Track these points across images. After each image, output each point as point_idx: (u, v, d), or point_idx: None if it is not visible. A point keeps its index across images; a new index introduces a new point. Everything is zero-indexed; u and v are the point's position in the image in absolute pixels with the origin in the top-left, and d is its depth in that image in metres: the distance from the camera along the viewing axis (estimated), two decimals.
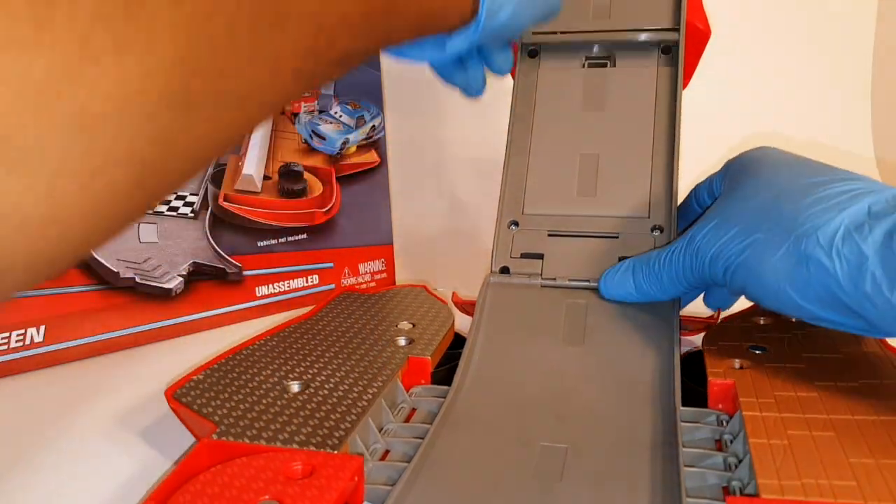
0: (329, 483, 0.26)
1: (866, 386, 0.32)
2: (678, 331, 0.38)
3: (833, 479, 0.26)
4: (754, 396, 0.32)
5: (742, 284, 0.34)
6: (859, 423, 0.29)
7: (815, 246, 0.31)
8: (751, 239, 0.34)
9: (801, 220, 0.32)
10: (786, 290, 0.32)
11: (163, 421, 0.38)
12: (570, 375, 0.37)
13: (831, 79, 0.81)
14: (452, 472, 0.30)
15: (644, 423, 0.33)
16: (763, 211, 0.34)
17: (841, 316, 0.31)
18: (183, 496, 0.26)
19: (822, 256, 0.30)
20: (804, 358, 0.35)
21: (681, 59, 0.45)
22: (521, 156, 0.46)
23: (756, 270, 0.33)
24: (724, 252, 0.35)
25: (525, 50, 0.48)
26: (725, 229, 0.35)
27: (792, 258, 0.31)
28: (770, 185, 0.35)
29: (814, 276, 0.31)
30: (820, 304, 0.31)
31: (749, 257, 0.33)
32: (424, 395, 0.37)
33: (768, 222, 0.33)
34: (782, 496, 0.25)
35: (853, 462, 0.27)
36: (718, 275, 0.35)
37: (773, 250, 0.32)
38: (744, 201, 0.36)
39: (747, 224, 0.34)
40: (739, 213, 0.35)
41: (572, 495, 0.28)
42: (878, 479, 0.25)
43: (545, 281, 0.43)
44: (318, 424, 0.31)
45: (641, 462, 0.30)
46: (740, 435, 0.30)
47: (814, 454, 0.27)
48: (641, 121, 0.45)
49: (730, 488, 0.28)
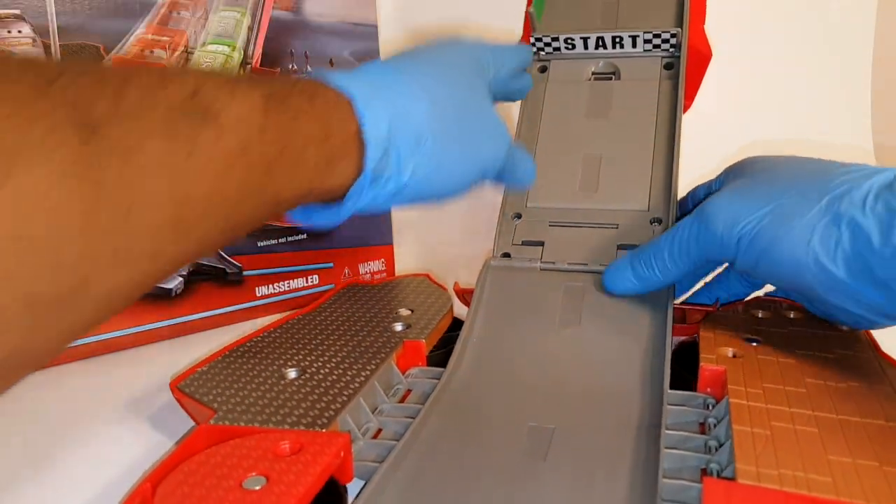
0: (314, 458, 0.27)
1: (854, 388, 0.33)
2: (671, 315, 0.39)
3: (810, 472, 0.26)
4: (743, 385, 0.32)
5: (757, 254, 0.34)
6: (842, 423, 0.30)
7: (850, 205, 0.31)
8: (773, 205, 0.34)
9: (834, 185, 0.32)
10: (813, 253, 0.32)
11: (167, 413, 0.39)
12: (564, 358, 0.37)
13: (831, 85, 0.81)
14: (441, 450, 0.31)
15: (632, 405, 0.34)
16: (788, 181, 0.34)
17: (862, 284, 0.31)
18: (176, 476, 0.26)
19: (857, 213, 0.31)
20: (797, 354, 0.36)
21: (682, 66, 0.47)
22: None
23: (779, 235, 0.33)
24: (740, 219, 0.34)
25: (535, 66, 0.51)
26: (742, 198, 0.35)
27: (824, 218, 0.32)
28: (789, 164, 0.36)
29: (845, 234, 0.31)
30: (846, 267, 0.31)
31: (771, 222, 0.33)
32: (420, 377, 0.38)
33: (794, 189, 0.33)
34: (758, 482, 0.25)
35: (832, 459, 0.27)
36: (731, 245, 0.35)
37: (801, 212, 0.32)
38: (762, 176, 0.36)
39: (768, 193, 0.34)
40: (758, 186, 0.35)
41: (554, 474, 0.29)
42: (854, 478, 0.26)
43: (544, 264, 0.43)
44: (310, 406, 0.32)
45: (625, 442, 0.31)
46: (724, 420, 0.30)
47: (794, 447, 0.28)
48: (643, 126, 0.46)
49: (708, 470, 0.29)
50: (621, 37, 0.48)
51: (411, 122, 0.31)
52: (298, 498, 0.25)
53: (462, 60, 0.37)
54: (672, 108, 0.46)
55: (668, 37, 0.47)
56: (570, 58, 0.50)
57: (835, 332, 0.38)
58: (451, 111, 0.33)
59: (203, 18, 0.73)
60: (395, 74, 0.32)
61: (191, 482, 0.26)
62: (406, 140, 0.31)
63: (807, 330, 0.39)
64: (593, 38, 0.48)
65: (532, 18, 0.49)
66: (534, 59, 0.51)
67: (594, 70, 0.49)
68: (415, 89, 0.32)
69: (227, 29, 0.76)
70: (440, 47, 0.37)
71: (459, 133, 0.34)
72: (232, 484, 0.26)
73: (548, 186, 0.46)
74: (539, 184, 0.46)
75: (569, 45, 0.49)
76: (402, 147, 0.31)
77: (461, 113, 0.34)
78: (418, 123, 0.31)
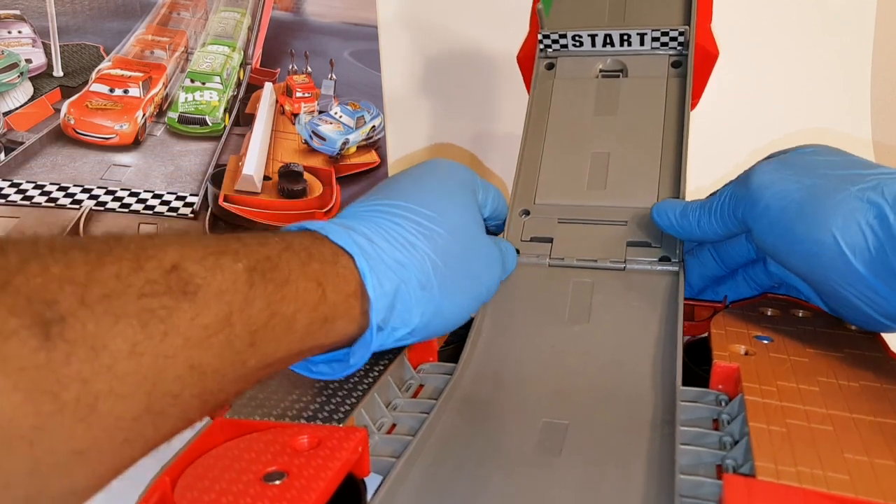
0: (333, 453, 0.27)
1: (867, 388, 0.33)
2: (681, 311, 0.39)
3: (827, 470, 0.26)
4: (757, 382, 0.32)
5: (780, 229, 0.34)
6: (856, 422, 0.30)
7: (880, 197, 0.31)
8: (809, 182, 0.34)
9: (869, 177, 0.33)
10: (832, 237, 0.32)
11: None
12: (575, 353, 0.38)
13: (834, 85, 0.81)
14: (456, 445, 0.31)
15: (644, 401, 0.34)
16: (827, 165, 0.35)
17: (877, 279, 0.31)
18: (195, 470, 0.26)
19: (885, 206, 0.31)
20: (808, 353, 0.36)
21: (690, 64, 0.47)
22: (534, 152, 0.48)
23: (806, 210, 0.33)
24: (774, 185, 0.35)
25: (542, 63, 0.51)
26: (782, 168, 0.36)
27: (851, 204, 0.32)
28: (833, 153, 0.36)
29: (868, 225, 0.31)
30: (863, 257, 0.31)
31: (801, 197, 0.34)
32: (432, 372, 0.38)
33: (831, 174, 0.34)
34: (778, 480, 0.26)
35: (848, 458, 0.27)
36: (757, 209, 0.35)
37: (831, 195, 0.33)
38: (804, 156, 0.36)
39: (807, 171, 0.35)
40: (799, 162, 0.36)
41: (569, 469, 0.29)
42: (870, 476, 0.26)
43: (553, 261, 0.43)
44: (325, 401, 0.32)
45: (639, 438, 0.31)
46: (739, 417, 0.31)
47: (810, 445, 0.28)
48: (651, 124, 0.46)
49: (724, 466, 0.29)
50: (629, 34, 0.48)
51: (416, 272, 0.31)
52: (319, 492, 0.25)
53: (457, 187, 0.37)
54: (680, 106, 0.46)
55: (676, 35, 0.47)
56: (578, 55, 0.50)
57: (845, 332, 0.39)
58: (453, 249, 0.33)
59: (203, 19, 0.73)
60: (394, 218, 0.32)
61: (210, 476, 0.26)
62: (412, 290, 0.30)
63: (817, 329, 0.39)
64: (601, 35, 0.48)
65: (540, 15, 0.49)
66: (540, 57, 0.51)
67: (601, 67, 0.50)
68: (417, 236, 0.32)
69: (227, 29, 0.76)
70: (433, 173, 0.37)
71: (462, 269, 0.34)
72: (252, 478, 0.26)
73: (556, 183, 0.46)
74: (547, 181, 0.46)
75: (576, 43, 0.49)
76: (408, 297, 0.30)
77: (463, 249, 0.34)
78: (423, 271, 0.31)
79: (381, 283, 0.29)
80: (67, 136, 0.64)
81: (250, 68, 0.73)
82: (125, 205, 0.63)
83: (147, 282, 0.21)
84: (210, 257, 0.23)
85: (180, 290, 0.22)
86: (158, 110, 0.68)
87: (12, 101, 0.63)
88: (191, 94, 0.69)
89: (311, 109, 0.70)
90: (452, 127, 0.84)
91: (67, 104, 0.65)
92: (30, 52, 0.65)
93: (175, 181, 0.65)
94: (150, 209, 0.63)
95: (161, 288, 0.21)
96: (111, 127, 0.65)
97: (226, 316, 0.23)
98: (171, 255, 0.22)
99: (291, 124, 0.69)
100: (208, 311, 0.22)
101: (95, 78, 0.66)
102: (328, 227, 0.29)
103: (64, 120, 0.64)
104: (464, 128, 0.83)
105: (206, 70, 0.71)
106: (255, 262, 0.25)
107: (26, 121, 0.63)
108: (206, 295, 0.22)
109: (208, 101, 0.70)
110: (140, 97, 0.67)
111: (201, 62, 0.71)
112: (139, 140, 0.66)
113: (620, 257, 0.42)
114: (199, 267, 0.23)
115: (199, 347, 0.22)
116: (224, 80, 0.71)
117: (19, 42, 0.64)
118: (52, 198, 0.62)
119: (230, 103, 0.71)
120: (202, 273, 0.23)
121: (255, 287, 0.24)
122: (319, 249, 0.28)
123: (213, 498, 0.25)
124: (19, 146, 0.62)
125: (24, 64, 0.64)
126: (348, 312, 0.29)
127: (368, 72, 0.73)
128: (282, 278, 0.26)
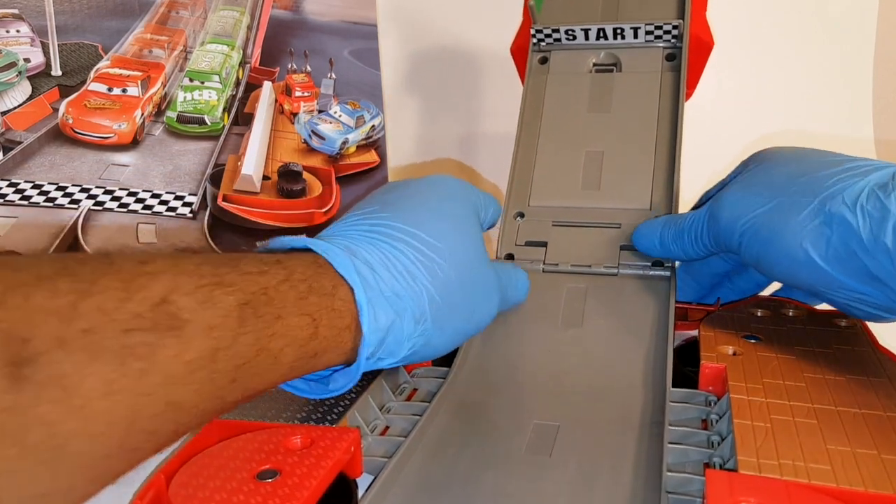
0: (326, 453, 0.27)
1: (853, 381, 0.33)
2: (673, 315, 0.39)
3: (809, 462, 0.27)
4: (743, 381, 0.33)
5: (758, 251, 0.35)
6: (841, 414, 0.30)
7: (841, 205, 0.31)
8: (773, 203, 0.34)
9: (828, 184, 0.33)
10: (805, 252, 0.32)
11: None
12: (567, 357, 0.38)
13: (833, 81, 0.81)
14: (447, 447, 0.31)
15: (635, 403, 0.34)
16: (787, 178, 0.35)
17: (857, 282, 0.32)
18: (190, 468, 0.27)
19: (847, 213, 0.31)
20: (796, 350, 0.36)
21: (684, 59, 0.47)
22: (528, 151, 0.48)
23: (776, 232, 0.34)
24: (742, 215, 0.35)
25: (535, 57, 0.50)
26: (745, 194, 0.36)
27: (816, 218, 0.32)
28: (793, 159, 0.36)
29: (836, 234, 0.31)
30: (839, 265, 0.32)
31: (769, 220, 0.34)
32: (426, 376, 0.38)
33: (792, 187, 0.34)
34: (759, 473, 0.26)
35: (830, 448, 0.28)
36: (735, 239, 0.36)
37: (796, 211, 0.33)
38: (766, 172, 0.36)
39: (770, 189, 0.35)
40: (761, 181, 0.36)
41: (559, 469, 0.29)
42: (852, 466, 0.27)
43: (547, 266, 0.44)
44: (319, 403, 0.32)
45: (629, 439, 0.31)
46: (726, 416, 0.31)
47: (794, 438, 0.28)
48: (645, 121, 0.46)
49: (710, 463, 0.29)
50: (622, 28, 0.48)
51: (413, 305, 0.30)
52: (311, 491, 0.25)
53: (461, 209, 0.36)
54: (674, 100, 0.46)
55: (670, 28, 0.47)
56: (572, 48, 0.50)
57: (833, 329, 0.39)
58: (452, 282, 0.32)
59: (202, 18, 0.73)
60: (397, 244, 0.31)
61: (205, 474, 0.26)
62: (406, 324, 0.30)
63: (805, 327, 0.39)
64: (594, 29, 0.48)
65: (532, 11, 0.49)
66: (534, 51, 0.50)
67: (595, 61, 0.50)
68: (418, 265, 0.31)
69: (227, 28, 0.76)
70: (437, 192, 0.36)
71: (458, 303, 0.33)
72: (245, 476, 0.26)
73: (551, 184, 0.46)
74: (542, 181, 0.46)
75: (569, 37, 0.49)
76: (400, 332, 0.30)
77: (462, 282, 0.33)
78: (420, 305, 0.31)
79: (377, 318, 0.29)
80: (66, 135, 0.64)
81: (249, 67, 0.73)
82: (123, 204, 0.63)
83: (133, 315, 0.21)
84: (203, 290, 0.23)
85: (167, 325, 0.21)
86: (157, 109, 0.68)
87: (10, 100, 0.63)
88: (189, 93, 0.70)
89: (310, 109, 0.71)
90: (452, 126, 0.84)
91: (66, 103, 0.65)
92: (28, 51, 0.65)
93: (174, 181, 0.66)
94: (148, 209, 0.63)
95: (147, 323, 0.21)
96: (109, 126, 0.65)
97: (211, 353, 0.22)
98: (162, 284, 0.22)
99: (291, 123, 0.69)
100: (193, 347, 0.22)
101: (94, 77, 0.66)
102: (332, 252, 0.29)
103: (62, 119, 0.64)
104: (465, 127, 0.83)
105: (204, 69, 0.71)
106: (249, 295, 0.24)
107: (24, 120, 0.63)
108: (194, 331, 0.22)
109: (207, 100, 0.70)
110: (139, 96, 0.67)
111: (200, 61, 0.72)
112: (138, 139, 0.66)
113: (613, 262, 0.42)
114: (189, 300, 0.22)
115: (180, 384, 0.21)
116: (223, 79, 0.71)
117: (17, 41, 0.65)
118: (51, 197, 0.62)
119: (229, 102, 0.71)
120: (192, 307, 0.22)
121: (245, 323, 0.24)
122: (320, 281, 0.27)
123: (207, 495, 0.25)
124: (17, 146, 0.62)
125: (23, 63, 0.64)
126: (339, 346, 0.28)
127: (368, 71, 0.73)
128: (274, 314, 0.25)
